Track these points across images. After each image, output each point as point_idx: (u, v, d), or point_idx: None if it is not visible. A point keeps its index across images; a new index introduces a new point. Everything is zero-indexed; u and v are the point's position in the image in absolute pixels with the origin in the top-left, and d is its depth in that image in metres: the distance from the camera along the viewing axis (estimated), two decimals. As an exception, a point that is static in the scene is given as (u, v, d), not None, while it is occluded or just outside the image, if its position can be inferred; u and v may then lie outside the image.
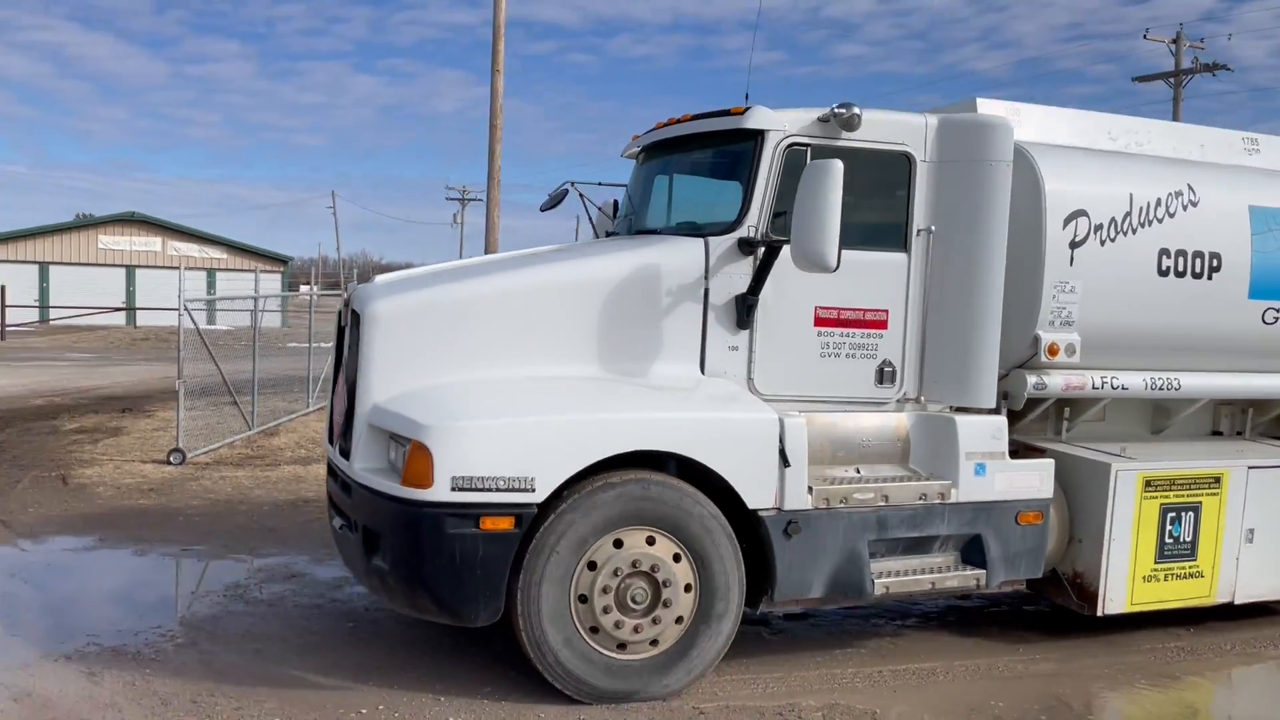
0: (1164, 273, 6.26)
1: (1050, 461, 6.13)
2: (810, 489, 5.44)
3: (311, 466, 11.02)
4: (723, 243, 5.61)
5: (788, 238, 5.38)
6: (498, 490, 4.88)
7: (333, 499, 5.96)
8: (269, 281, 31.57)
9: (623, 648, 5.18)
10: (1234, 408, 7.42)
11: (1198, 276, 6.36)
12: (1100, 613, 6.21)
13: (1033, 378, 6.12)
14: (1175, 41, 30.34)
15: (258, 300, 14.26)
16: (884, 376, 5.92)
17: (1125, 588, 6.26)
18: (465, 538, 4.89)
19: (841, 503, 5.52)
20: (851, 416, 5.87)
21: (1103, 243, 6.09)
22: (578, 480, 5.06)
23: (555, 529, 5.01)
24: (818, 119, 5.69)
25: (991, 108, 6.37)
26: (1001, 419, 5.98)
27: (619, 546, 5.12)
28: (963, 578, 5.83)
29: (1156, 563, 6.32)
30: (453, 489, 4.84)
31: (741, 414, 5.37)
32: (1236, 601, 6.63)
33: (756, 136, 5.66)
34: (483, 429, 4.93)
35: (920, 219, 5.89)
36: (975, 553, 5.88)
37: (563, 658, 5.07)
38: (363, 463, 5.26)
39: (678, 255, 5.59)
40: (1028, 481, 6.02)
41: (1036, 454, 6.37)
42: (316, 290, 24.40)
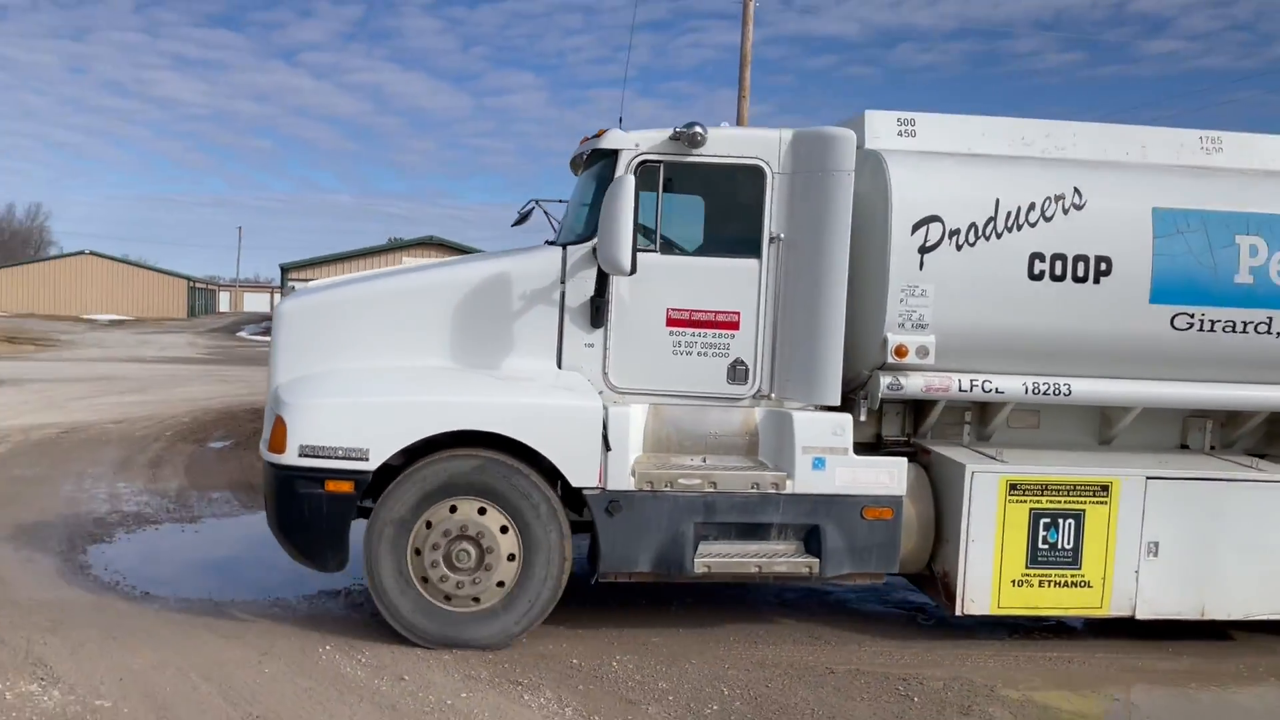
0: (1037, 276, 6.23)
1: (902, 460, 6.29)
2: (633, 472, 6.01)
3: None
4: (577, 251, 6.30)
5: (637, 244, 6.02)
6: (337, 458, 5.86)
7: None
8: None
9: (449, 599, 5.98)
10: (1208, 420, 7.07)
11: (1080, 280, 6.25)
12: (960, 612, 6.26)
13: (887, 378, 6.31)
14: None
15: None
16: (736, 374, 6.35)
17: (990, 590, 6.26)
18: (313, 497, 5.91)
19: (667, 486, 6.04)
20: (702, 410, 6.35)
21: (959, 247, 6.18)
22: (428, 452, 5.95)
23: (397, 492, 5.92)
24: (669, 137, 6.26)
25: (880, 119, 6.63)
26: (844, 416, 6.22)
27: (453, 512, 5.94)
28: (793, 565, 6.14)
29: (1029, 567, 6.27)
30: (300, 455, 5.88)
31: (566, 401, 6.03)
32: (1139, 617, 6.38)
33: (613, 155, 6.31)
34: (327, 407, 5.94)
35: (773, 227, 6.28)
36: (816, 543, 6.17)
37: (397, 602, 5.95)
38: (263, 436, 6.42)
39: (536, 263, 6.34)
40: (875, 478, 6.22)
41: (924, 454, 6.55)
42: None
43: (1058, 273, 6.25)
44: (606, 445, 5.97)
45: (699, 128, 6.20)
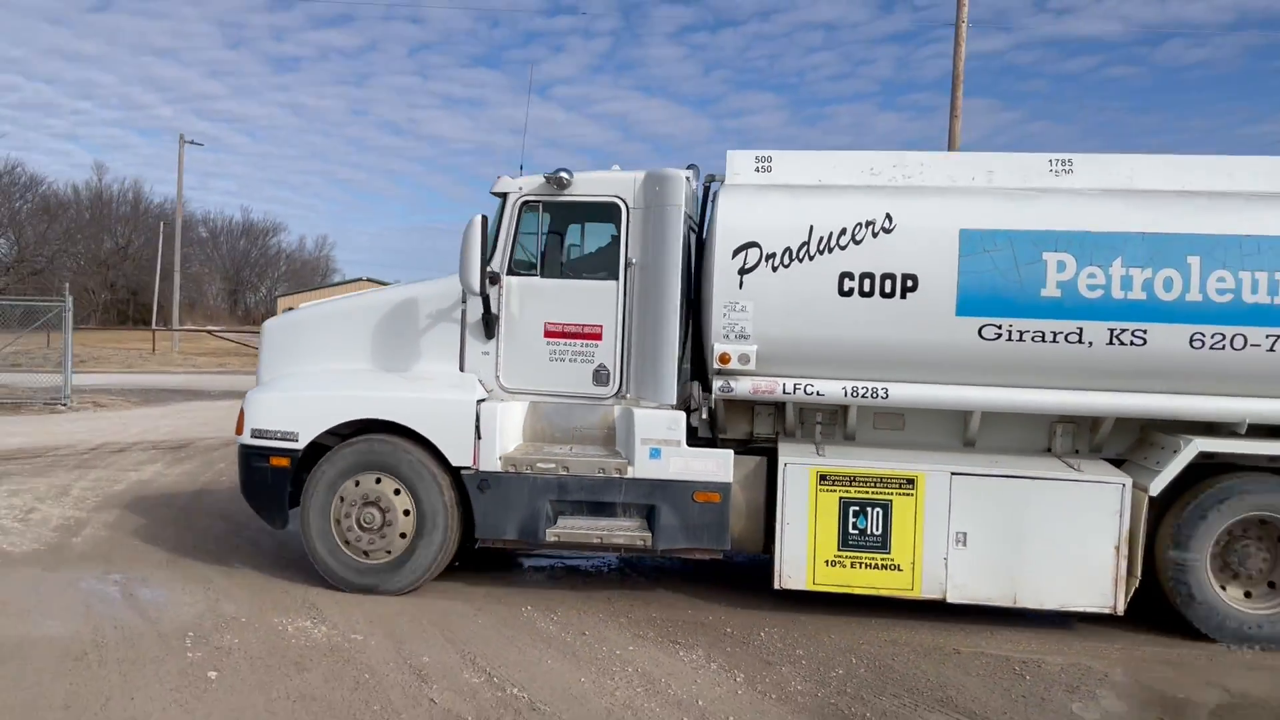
0: (846, 293, 7.02)
1: (729, 452, 7.27)
2: (501, 456, 7.36)
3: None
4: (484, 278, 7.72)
5: (498, 271, 7.44)
6: (276, 439, 7.61)
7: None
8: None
9: (366, 555, 7.56)
10: (1071, 425, 7.51)
11: (888, 296, 6.99)
12: (777, 586, 7.15)
13: (719, 382, 7.29)
14: None
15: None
16: (599, 378, 7.56)
17: (805, 568, 7.10)
18: (262, 469, 7.68)
19: (528, 469, 7.35)
20: (571, 407, 7.62)
21: (775, 269, 7.08)
22: (342, 439, 7.58)
23: (315, 474, 7.58)
24: (543, 181, 7.58)
25: (739, 157, 7.63)
26: (678, 413, 7.28)
27: (357, 485, 7.53)
28: (630, 537, 7.26)
29: (840, 549, 7.06)
30: (252, 436, 7.68)
31: (447, 396, 7.47)
32: (950, 600, 7.01)
33: (503, 196, 7.71)
34: (269, 400, 7.71)
35: (629, 253, 7.46)
36: (653, 520, 7.26)
37: (328, 561, 7.59)
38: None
39: (442, 287, 7.81)
40: (705, 466, 7.24)
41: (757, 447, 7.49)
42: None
43: (865, 289, 7.02)
44: (478, 434, 7.36)
45: (564, 173, 7.49)
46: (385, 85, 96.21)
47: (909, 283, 7.00)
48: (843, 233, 7.07)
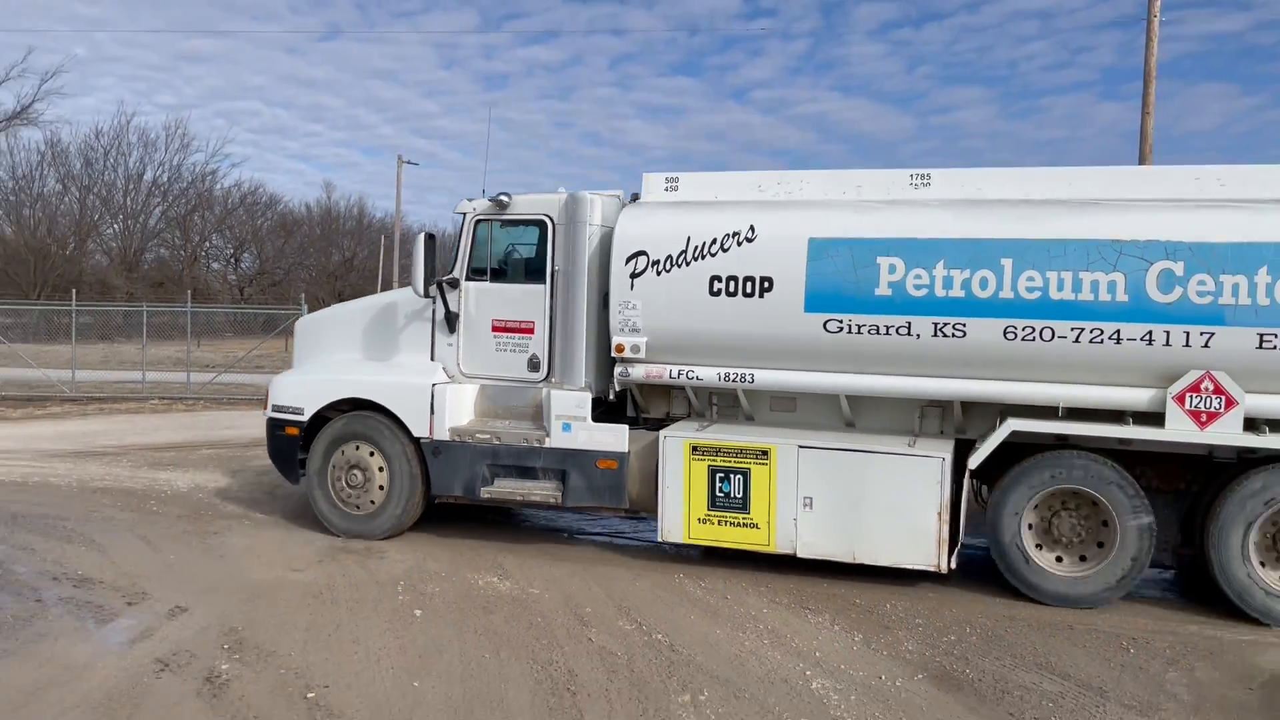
0: (715, 293, 8.31)
1: (624, 427, 8.72)
2: (450, 428, 9.08)
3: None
4: (445, 284, 9.47)
5: (458, 277, 9.20)
6: (289, 413, 9.64)
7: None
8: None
9: (356, 507, 9.45)
10: (937, 409, 8.49)
11: (749, 295, 8.22)
12: (660, 539, 8.51)
13: (619, 368, 8.74)
14: None
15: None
16: (533, 365, 9.15)
17: (682, 525, 8.43)
18: (281, 436, 9.74)
19: (469, 439, 9.04)
20: (510, 389, 9.26)
21: (659, 273, 8.45)
22: (338, 414, 9.52)
23: (315, 442, 9.56)
24: (489, 203, 9.24)
25: (653, 179, 9.06)
26: (585, 394, 8.78)
27: (344, 452, 9.44)
28: (543, 495, 8.84)
29: (709, 510, 8.34)
30: (274, 411, 9.75)
31: (410, 380, 9.26)
32: (799, 555, 8.17)
33: (463, 215, 9.43)
34: (285, 382, 9.76)
35: (554, 262, 9.01)
36: (565, 482, 8.79)
37: (326, 511, 9.55)
38: (277, 401, 10.33)
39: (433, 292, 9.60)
40: (605, 439, 8.72)
41: (654, 424, 8.89)
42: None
43: (731, 290, 8.29)
44: (432, 410, 9.12)
45: (504, 196, 9.15)
46: (587, 97, 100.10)
47: (766, 284, 8.22)
48: (714, 242, 8.37)
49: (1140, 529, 7.56)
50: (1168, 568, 8.66)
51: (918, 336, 7.89)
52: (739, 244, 8.32)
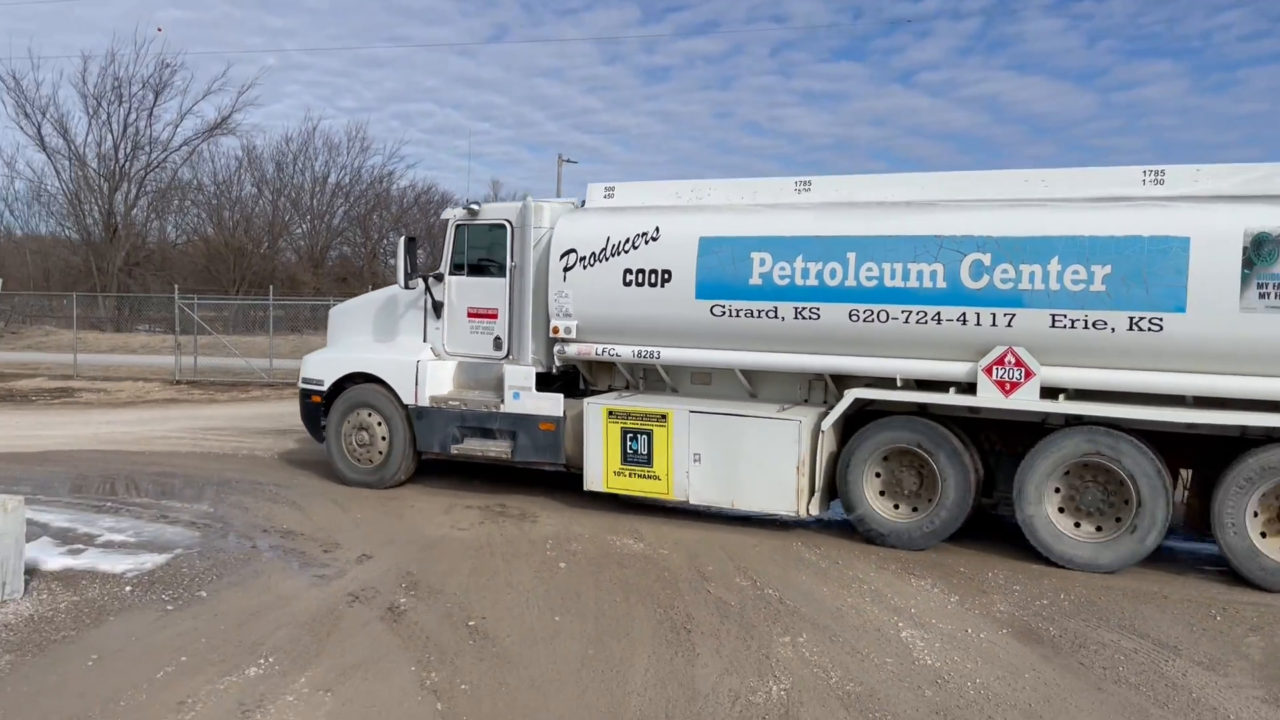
0: (628, 284, 9.95)
1: (560, 395, 10.48)
2: (430, 397, 11.05)
3: None
4: (433, 278, 11.46)
5: (443, 272, 11.18)
6: (314, 384, 11.86)
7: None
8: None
9: (365, 461, 11.56)
10: (822, 382, 9.89)
11: (653, 286, 9.83)
12: (586, 488, 10.21)
13: (557, 347, 10.51)
14: None
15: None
16: (497, 345, 11.03)
17: (601, 477, 10.13)
18: (308, 404, 11.99)
19: (443, 405, 10.99)
20: (478, 365, 11.18)
21: (585, 267, 10.17)
22: (351, 385, 11.66)
23: (333, 408, 11.72)
24: (465, 211, 11.16)
25: (595, 189, 10.82)
26: (530, 368, 10.59)
27: (354, 416, 11.56)
28: (498, 452, 10.71)
29: (622, 465, 10.00)
30: (304, 382, 12.00)
31: (401, 357, 11.29)
32: (691, 502, 9.73)
33: (447, 221, 11.39)
34: (312, 360, 12.00)
35: (512, 259, 10.86)
36: (515, 441, 10.62)
37: (341, 467, 11.71)
38: (315, 375, 12.55)
39: (415, 285, 11.61)
40: (546, 405, 10.51)
41: (585, 394, 10.59)
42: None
43: (639, 281, 9.92)
44: (417, 382, 11.12)
45: (475, 205, 11.07)
46: (748, 86, 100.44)
47: (666, 275, 9.82)
48: (627, 241, 10.03)
49: (957, 483, 8.81)
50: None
51: (783, 319, 9.33)
52: (646, 242, 9.95)
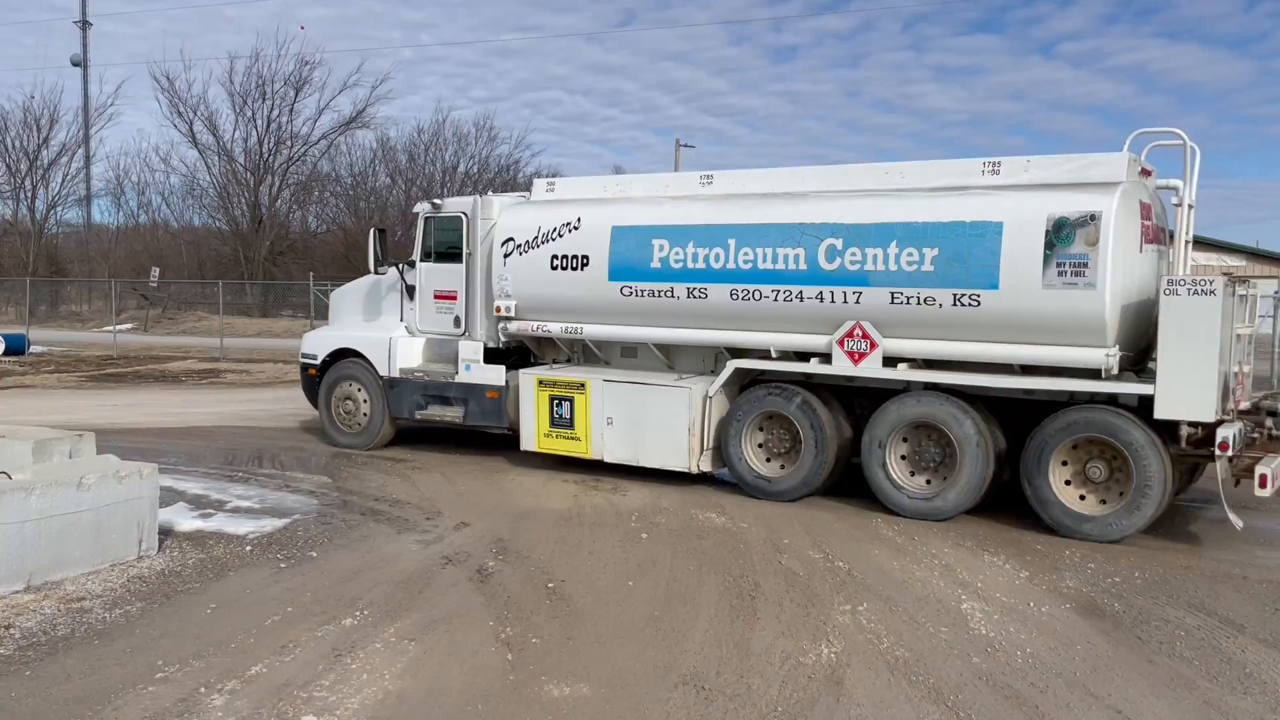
0: (555, 268, 11.28)
1: (501, 367, 11.89)
2: (399, 369, 12.60)
3: None
4: (406, 264, 12.99)
5: (415, 259, 12.72)
6: (310, 359, 13.56)
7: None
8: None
9: (351, 428, 13.20)
10: (722, 355, 11.06)
11: (574, 270, 11.15)
12: (522, 449, 11.60)
13: (500, 324, 11.91)
14: None
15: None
16: (457, 324, 12.51)
17: (534, 438, 11.51)
18: (306, 376, 13.71)
19: (409, 376, 12.54)
20: (442, 341, 12.66)
21: (521, 254, 11.54)
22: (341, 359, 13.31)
23: (324, 380, 13.36)
24: (430, 205, 12.66)
25: (540, 184, 12.25)
26: (478, 343, 12.03)
27: (340, 387, 13.20)
28: (452, 417, 12.20)
29: (550, 428, 11.36)
30: (302, 357, 13.73)
31: (377, 335, 12.87)
32: (605, 460, 11.03)
33: (417, 214, 12.91)
34: (310, 337, 13.73)
35: (468, 247, 12.30)
36: (466, 408, 12.08)
37: (331, 432, 13.38)
38: (318, 351, 14.23)
39: (395, 272, 13.15)
40: (491, 375, 11.96)
41: (523, 365, 11.97)
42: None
43: (563, 265, 11.24)
44: (389, 356, 12.68)
45: (437, 200, 12.58)
46: (878, 63, 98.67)
47: (585, 260, 11.14)
48: (554, 230, 11.37)
49: (815, 441, 9.91)
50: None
51: (678, 298, 10.56)
52: (570, 231, 11.28)
